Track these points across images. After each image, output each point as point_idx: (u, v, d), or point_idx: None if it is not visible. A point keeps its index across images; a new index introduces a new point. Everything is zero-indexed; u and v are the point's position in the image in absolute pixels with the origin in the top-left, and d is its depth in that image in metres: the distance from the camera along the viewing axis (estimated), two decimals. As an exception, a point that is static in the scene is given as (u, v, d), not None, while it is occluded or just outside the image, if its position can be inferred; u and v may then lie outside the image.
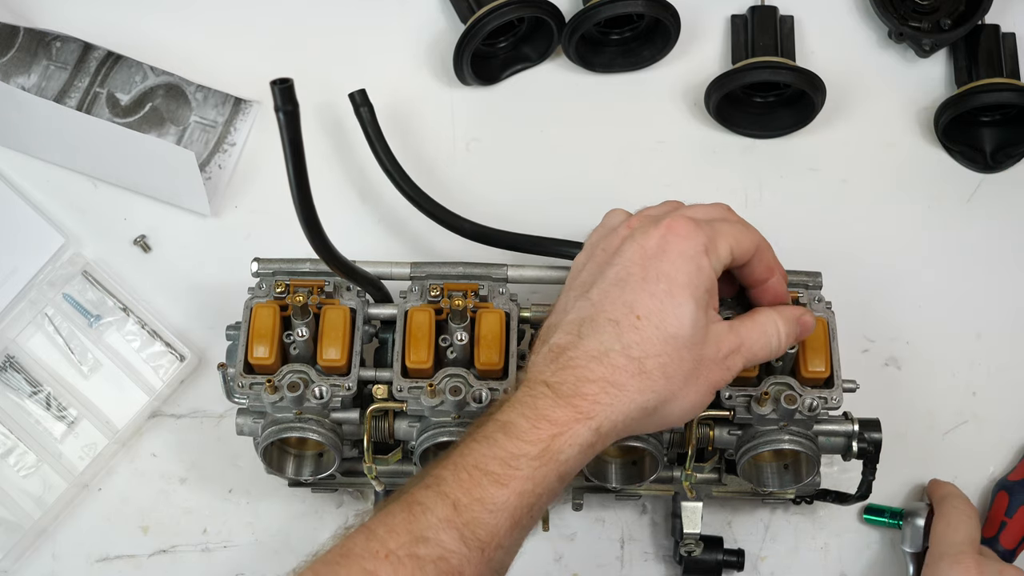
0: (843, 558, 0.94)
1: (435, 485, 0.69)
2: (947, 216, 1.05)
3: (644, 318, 0.71)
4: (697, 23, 1.09)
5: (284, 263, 0.88)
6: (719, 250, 0.75)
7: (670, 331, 0.71)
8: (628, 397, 0.71)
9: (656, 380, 0.71)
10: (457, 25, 1.08)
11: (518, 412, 0.71)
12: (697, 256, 0.73)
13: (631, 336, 0.71)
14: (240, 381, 0.83)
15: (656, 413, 0.73)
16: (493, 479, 0.69)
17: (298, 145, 0.71)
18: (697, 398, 0.74)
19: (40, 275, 1.01)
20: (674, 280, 0.72)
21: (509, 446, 0.69)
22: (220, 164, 1.05)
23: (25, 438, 0.97)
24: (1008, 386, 0.99)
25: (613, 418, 0.70)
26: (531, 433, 0.69)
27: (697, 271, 0.73)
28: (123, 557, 0.95)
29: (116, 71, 1.07)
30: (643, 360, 0.71)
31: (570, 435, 0.69)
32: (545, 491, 0.70)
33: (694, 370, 0.73)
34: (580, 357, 0.71)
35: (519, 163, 1.06)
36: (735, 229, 0.77)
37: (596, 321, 0.72)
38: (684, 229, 0.74)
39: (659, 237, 0.73)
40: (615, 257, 0.75)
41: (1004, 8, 1.08)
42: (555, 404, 0.70)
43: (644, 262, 0.73)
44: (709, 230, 0.75)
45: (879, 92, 1.08)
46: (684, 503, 0.89)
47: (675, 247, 0.73)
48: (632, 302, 0.72)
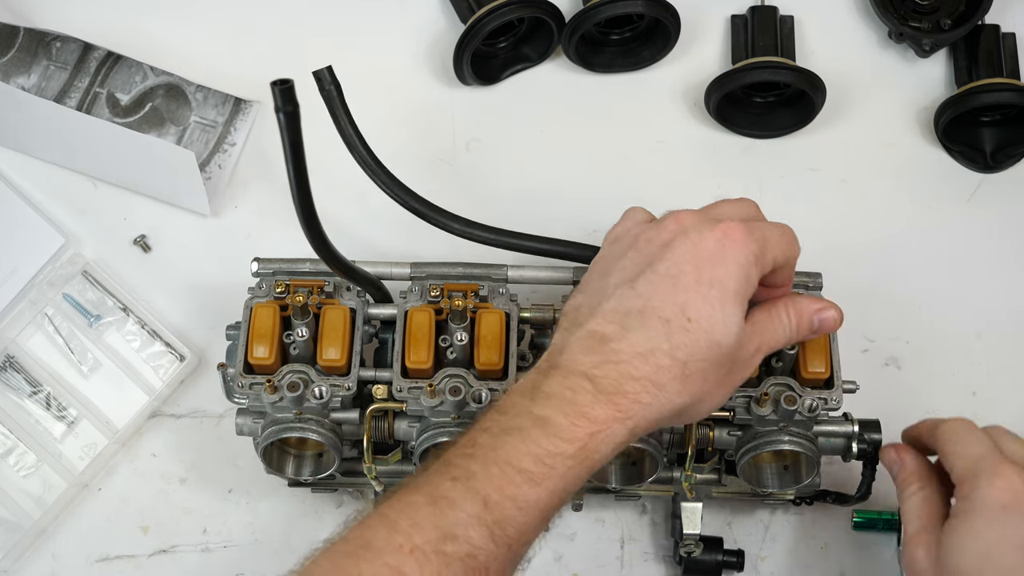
0: (843, 558, 0.94)
1: (464, 479, 0.67)
2: (947, 216, 1.05)
3: (695, 321, 0.70)
4: (697, 23, 1.09)
5: (284, 263, 0.88)
6: (766, 260, 0.74)
7: (717, 338, 0.70)
8: (667, 398, 0.70)
9: (695, 383, 0.71)
10: (457, 25, 1.08)
11: (556, 407, 0.68)
12: (748, 265, 0.72)
13: (680, 337, 0.70)
14: (240, 381, 0.83)
15: (685, 413, 0.73)
16: (527, 477, 0.66)
17: (298, 145, 0.71)
18: (723, 398, 0.75)
19: (40, 275, 1.01)
20: (726, 288, 0.71)
21: (546, 443, 0.67)
22: (220, 164, 1.05)
23: (25, 438, 0.97)
24: (1008, 386, 0.98)
25: (649, 417, 0.69)
26: (570, 431, 0.67)
27: (746, 280, 0.72)
28: (123, 557, 0.95)
29: (116, 71, 1.07)
30: (687, 363, 0.70)
31: (607, 434, 0.68)
32: (576, 487, 0.69)
33: (728, 374, 0.73)
34: (625, 351, 0.69)
35: (519, 163, 1.06)
36: (784, 240, 0.76)
37: (645, 315, 0.70)
38: (741, 236, 0.72)
39: (715, 240, 0.72)
40: (666, 252, 0.72)
41: (1004, 8, 1.08)
42: (595, 400, 0.68)
43: (698, 263, 0.71)
44: (762, 239, 0.73)
45: (879, 92, 1.08)
46: (684, 504, 0.89)
47: (731, 253, 0.71)
48: (685, 303, 0.70)
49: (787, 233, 0.77)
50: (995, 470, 0.73)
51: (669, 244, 0.73)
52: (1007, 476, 0.72)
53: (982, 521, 0.71)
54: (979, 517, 0.71)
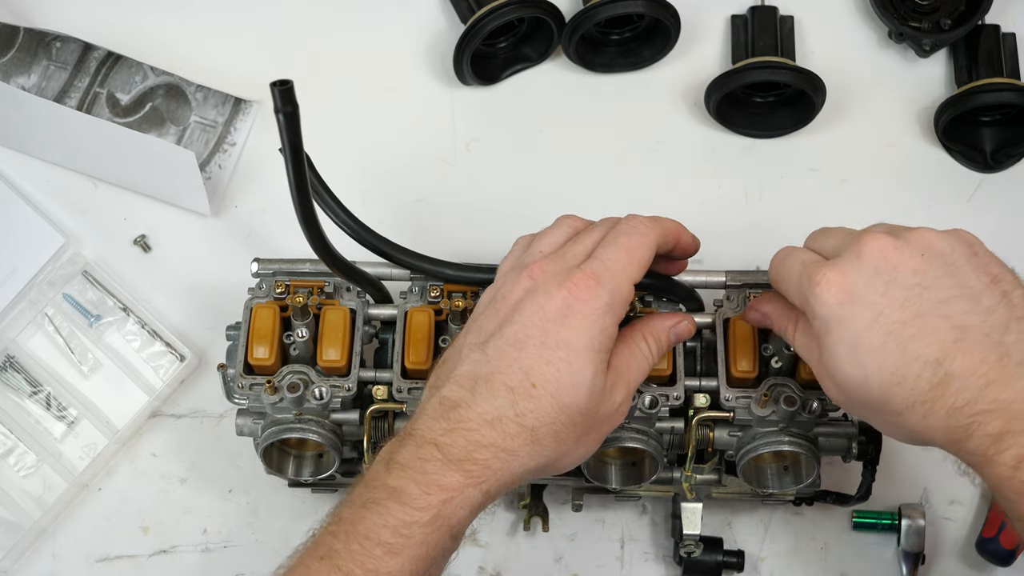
0: (843, 558, 0.94)
1: (328, 557, 0.69)
2: (947, 216, 1.04)
3: (540, 386, 0.70)
4: (697, 23, 1.09)
5: (284, 263, 0.88)
6: (623, 295, 0.73)
7: (565, 400, 0.70)
8: (519, 462, 0.70)
9: (547, 446, 0.71)
10: (457, 25, 1.08)
11: (408, 477, 0.69)
12: (601, 318, 0.71)
13: (525, 404, 0.70)
14: (240, 382, 0.83)
15: (545, 471, 0.73)
16: (386, 549, 0.68)
17: (298, 145, 0.71)
18: (589, 450, 0.75)
19: (40, 275, 1.01)
20: (573, 347, 0.71)
21: (400, 514, 0.68)
22: (220, 164, 1.05)
23: (25, 438, 0.97)
24: (1008, 386, 0.98)
25: (503, 480, 0.70)
26: (422, 500, 0.68)
27: (600, 333, 0.71)
28: (123, 557, 0.95)
29: (116, 71, 1.07)
30: (536, 429, 0.70)
31: (461, 499, 0.69)
32: (439, 552, 0.70)
33: (587, 430, 0.73)
34: (473, 420, 0.70)
35: (519, 163, 1.06)
36: (629, 258, 0.74)
37: (491, 382, 0.71)
38: (586, 291, 0.71)
39: (561, 300, 0.71)
40: (515, 314, 0.72)
41: (1004, 8, 1.08)
42: (445, 468, 0.69)
43: (544, 325, 0.71)
44: (611, 280, 0.72)
45: (879, 92, 1.08)
46: (684, 504, 0.89)
47: (577, 312, 0.71)
48: (529, 368, 0.70)
49: (634, 250, 0.75)
50: (813, 278, 0.70)
51: (518, 305, 0.73)
52: (826, 276, 0.70)
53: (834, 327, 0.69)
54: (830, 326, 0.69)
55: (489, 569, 0.95)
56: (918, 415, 0.68)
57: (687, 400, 0.83)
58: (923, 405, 0.68)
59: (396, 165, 1.06)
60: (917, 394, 0.67)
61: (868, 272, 0.69)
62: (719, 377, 0.83)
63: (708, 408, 0.83)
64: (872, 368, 0.68)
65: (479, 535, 0.95)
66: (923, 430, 0.69)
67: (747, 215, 1.04)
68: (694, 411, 0.83)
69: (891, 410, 0.69)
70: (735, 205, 1.04)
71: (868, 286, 0.69)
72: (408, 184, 1.05)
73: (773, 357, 0.83)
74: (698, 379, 0.84)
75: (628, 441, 0.82)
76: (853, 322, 0.69)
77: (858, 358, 0.69)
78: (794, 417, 0.82)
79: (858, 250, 0.70)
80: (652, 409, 0.81)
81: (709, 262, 0.90)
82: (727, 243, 0.94)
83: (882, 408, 0.69)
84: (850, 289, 0.69)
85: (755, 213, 1.04)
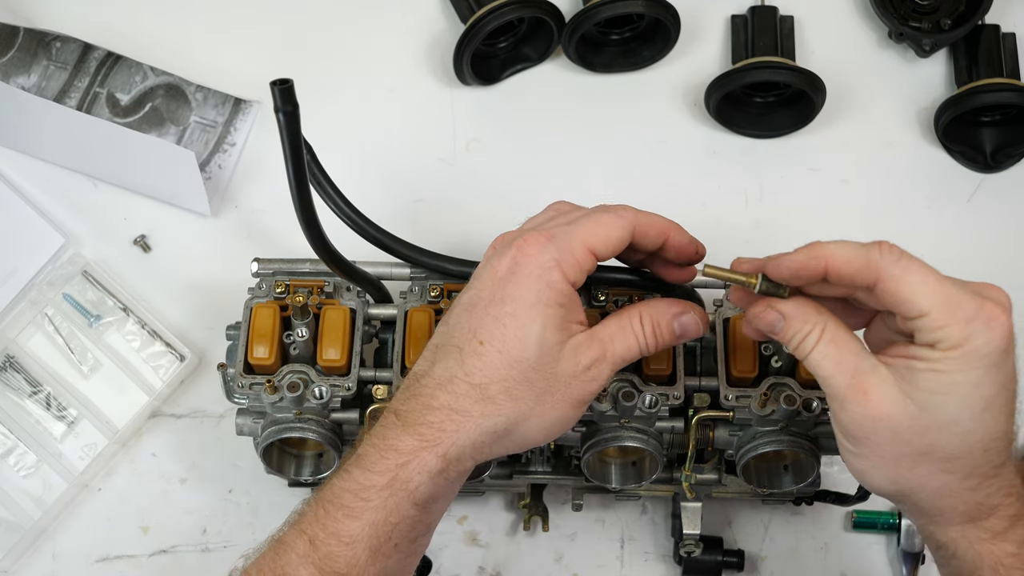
0: (843, 558, 0.94)
1: (296, 523, 0.72)
2: (947, 216, 1.05)
3: (487, 343, 0.70)
4: (697, 23, 1.09)
5: (284, 263, 0.88)
6: (577, 256, 0.71)
7: (513, 354, 0.70)
8: (473, 423, 0.70)
9: (501, 404, 0.70)
10: (457, 25, 1.08)
11: (369, 443, 0.71)
12: (547, 272, 0.70)
13: (473, 362, 0.70)
14: (240, 381, 0.83)
15: (510, 434, 0.72)
16: (346, 512, 0.70)
17: (298, 145, 0.71)
18: (556, 415, 0.72)
19: (40, 275, 1.01)
20: (520, 300, 0.70)
21: (360, 478, 0.70)
22: (220, 164, 1.05)
23: (25, 438, 0.97)
24: (1008, 386, 0.98)
25: (460, 443, 0.70)
26: (379, 463, 0.70)
27: (547, 287, 0.70)
28: (123, 557, 0.95)
29: (116, 71, 1.07)
30: (486, 386, 0.70)
31: (417, 463, 0.70)
32: (401, 519, 0.70)
33: (547, 389, 0.71)
34: (428, 385, 0.71)
35: (519, 163, 1.06)
36: (593, 227, 0.72)
37: (446, 348, 0.72)
38: (534, 247, 0.71)
39: (510, 259, 0.71)
40: (473, 282, 0.73)
41: (1004, 8, 1.08)
42: (402, 433, 0.70)
43: (493, 284, 0.71)
44: (563, 239, 0.71)
45: (879, 92, 1.08)
46: (684, 504, 0.89)
47: (524, 267, 0.70)
48: (476, 327, 0.71)
49: (598, 218, 0.72)
50: (984, 312, 0.64)
51: (477, 274, 0.74)
52: (999, 317, 0.64)
53: (983, 370, 0.64)
54: (979, 366, 0.64)
55: (489, 569, 0.95)
56: (972, 481, 0.67)
57: (687, 400, 0.83)
58: (983, 479, 0.68)
59: (396, 165, 1.06)
60: (988, 467, 0.67)
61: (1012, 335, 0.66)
62: (719, 377, 0.83)
63: (708, 408, 0.83)
64: (984, 426, 0.66)
65: (479, 535, 0.95)
66: (953, 493, 0.68)
67: (747, 215, 1.04)
68: (694, 411, 0.83)
69: (952, 467, 0.67)
70: (735, 205, 1.04)
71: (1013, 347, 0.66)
72: (408, 184, 1.05)
73: (773, 356, 0.83)
74: (698, 379, 0.84)
75: (628, 441, 0.82)
76: (1000, 376, 0.65)
77: (981, 413, 0.65)
78: (794, 417, 0.82)
79: (1005, 300, 0.66)
80: (652, 409, 0.81)
81: (709, 262, 0.90)
82: (727, 243, 0.93)
83: (942, 457, 0.67)
84: (1011, 339, 0.65)
85: (755, 213, 1.04)
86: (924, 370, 0.65)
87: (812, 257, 0.67)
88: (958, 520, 0.69)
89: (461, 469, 0.71)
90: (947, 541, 0.70)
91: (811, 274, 0.68)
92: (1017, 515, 0.68)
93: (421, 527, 0.72)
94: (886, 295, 0.66)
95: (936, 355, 0.64)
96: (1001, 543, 0.68)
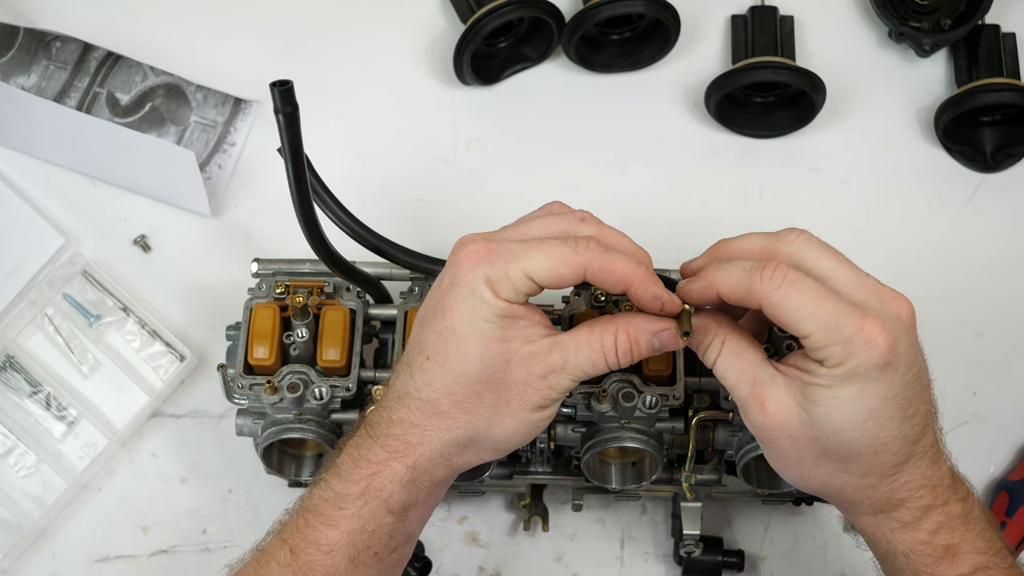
0: (843, 558, 0.94)
1: (279, 532, 0.73)
2: (947, 216, 1.05)
3: (431, 359, 0.70)
4: (697, 23, 1.09)
5: (284, 263, 0.88)
6: (512, 279, 0.68)
7: (457, 370, 0.69)
8: (433, 435, 0.71)
9: (455, 417, 0.71)
10: (457, 25, 1.08)
11: (346, 453, 0.72)
12: (478, 287, 0.68)
13: (421, 378, 0.71)
14: (240, 382, 0.83)
15: (476, 444, 0.72)
16: (324, 521, 0.71)
17: (298, 146, 0.71)
18: (518, 422, 0.71)
19: (40, 275, 1.01)
20: (456, 315, 0.69)
21: (337, 486, 0.71)
22: (220, 164, 1.05)
23: (25, 438, 0.97)
24: (1008, 386, 0.99)
25: (426, 454, 0.71)
26: (354, 472, 0.71)
27: (481, 303, 0.68)
28: (123, 557, 0.95)
29: (116, 71, 1.07)
30: (436, 401, 0.70)
31: (387, 473, 0.70)
32: (378, 527, 0.71)
33: (501, 399, 0.70)
34: (390, 398, 0.73)
35: (519, 163, 1.06)
36: (539, 256, 0.68)
37: (402, 362, 0.73)
38: (468, 261, 0.69)
39: (450, 272, 0.70)
40: (427, 296, 0.73)
41: (1004, 8, 1.08)
42: (372, 444, 0.71)
43: (436, 299, 0.71)
44: (503, 258, 0.68)
45: (879, 92, 1.08)
46: (684, 504, 0.89)
47: (460, 281, 0.69)
48: (423, 342, 0.71)
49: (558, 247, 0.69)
50: (863, 332, 0.65)
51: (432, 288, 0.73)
52: (876, 338, 0.65)
53: (863, 385, 0.66)
54: (859, 381, 0.66)
55: (489, 569, 0.95)
56: (871, 480, 0.70)
57: (687, 400, 0.83)
58: (882, 477, 0.70)
59: (396, 165, 1.06)
60: (883, 467, 0.69)
61: (906, 342, 0.67)
62: (719, 377, 0.83)
63: (708, 408, 0.83)
64: (868, 434, 0.68)
65: (479, 535, 0.95)
66: (855, 489, 0.71)
67: (747, 215, 1.04)
68: (694, 411, 0.83)
69: (848, 468, 0.70)
70: (735, 205, 1.04)
71: (904, 356, 0.67)
72: (408, 184, 1.05)
73: (772, 357, 0.83)
74: (698, 379, 0.84)
75: (628, 441, 0.82)
76: (881, 388, 0.66)
77: (864, 423, 0.67)
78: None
79: (897, 311, 0.68)
80: (652, 410, 0.81)
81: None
82: (727, 243, 0.94)
83: (836, 459, 0.69)
84: (893, 354, 0.66)
85: (755, 213, 1.04)
86: (812, 383, 0.67)
87: (705, 287, 0.70)
88: (868, 512, 0.72)
89: (434, 479, 0.72)
90: (863, 529, 0.74)
91: (710, 299, 0.70)
92: (929, 506, 0.70)
93: (400, 536, 0.72)
94: (771, 318, 0.68)
95: (822, 371, 0.67)
96: (912, 532, 0.71)
